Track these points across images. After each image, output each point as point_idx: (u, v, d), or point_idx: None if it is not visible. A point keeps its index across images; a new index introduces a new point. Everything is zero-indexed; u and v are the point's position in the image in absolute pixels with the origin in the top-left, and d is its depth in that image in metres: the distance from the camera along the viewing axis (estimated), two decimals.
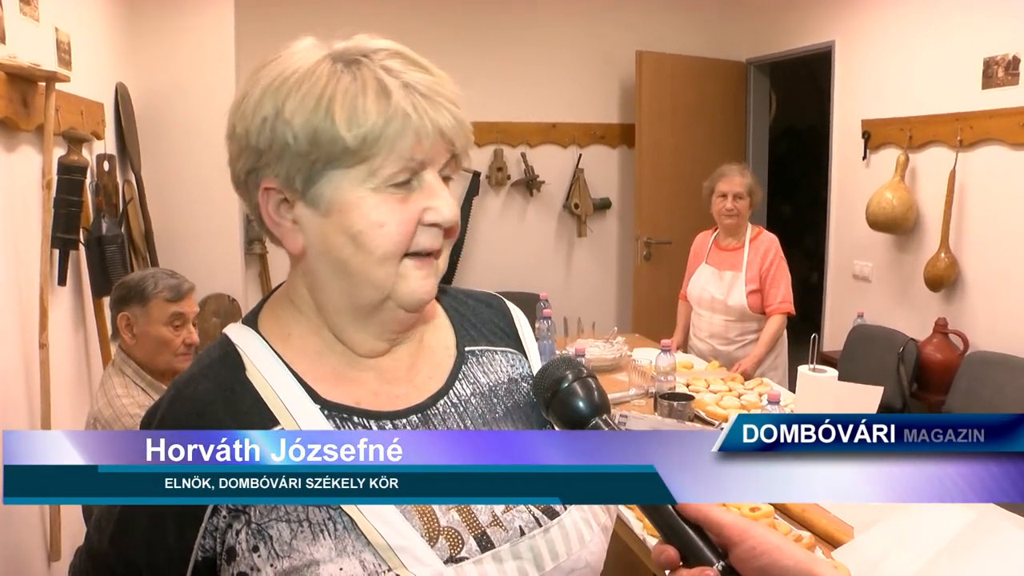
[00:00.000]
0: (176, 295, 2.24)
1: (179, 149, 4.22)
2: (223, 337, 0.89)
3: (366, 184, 0.79)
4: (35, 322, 2.53)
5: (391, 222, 0.80)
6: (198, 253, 4.30)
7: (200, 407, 0.81)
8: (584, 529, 0.87)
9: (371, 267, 0.81)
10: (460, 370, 0.93)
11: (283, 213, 0.83)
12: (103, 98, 3.57)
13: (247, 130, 0.81)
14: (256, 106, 0.80)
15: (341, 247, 0.81)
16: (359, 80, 0.78)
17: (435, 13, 5.07)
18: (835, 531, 1.85)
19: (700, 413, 2.66)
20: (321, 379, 0.85)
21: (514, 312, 1.05)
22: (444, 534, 0.80)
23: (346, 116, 0.77)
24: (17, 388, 2.49)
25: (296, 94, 0.78)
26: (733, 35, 5.53)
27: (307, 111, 0.77)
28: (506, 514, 0.84)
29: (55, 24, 2.90)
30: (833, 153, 4.82)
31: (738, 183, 3.49)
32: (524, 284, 5.01)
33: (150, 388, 2.20)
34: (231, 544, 0.79)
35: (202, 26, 4.22)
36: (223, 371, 0.85)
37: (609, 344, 3.47)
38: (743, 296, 3.47)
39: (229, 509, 0.79)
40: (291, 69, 0.80)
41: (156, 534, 0.81)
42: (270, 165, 0.81)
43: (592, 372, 0.82)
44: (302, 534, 0.78)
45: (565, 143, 5.47)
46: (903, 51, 4.19)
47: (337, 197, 0.80)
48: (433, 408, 0.89)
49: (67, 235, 2.75)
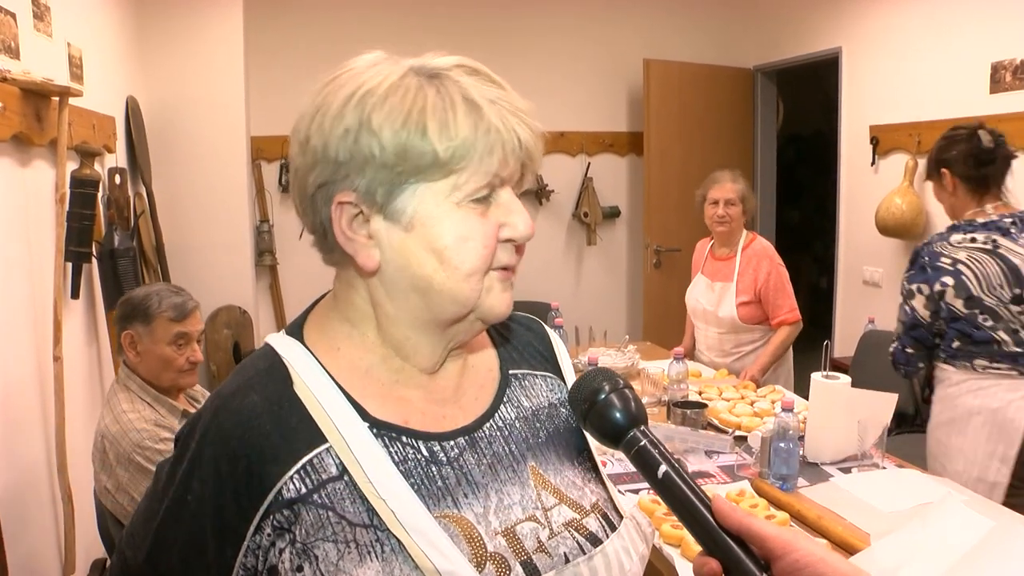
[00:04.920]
0: (180, 314, 2.21)
1: (190, 162, 4.24)
2: (267, 348, 0.87)
3: (450, 198, 0.79)
4: (49, 335, 2.54)
5: (476, 237, 0.80)
6: (209, 265, 4.32)
7: (247, 420, 0.79)
8: (624, 558, 0.86)
9: (456, 282, 0.80)
10: (505, 393, 0.92)
11: (357, 228, 0.81)
12: (114, 112, 3.60)
13: (325, 142, 0.78)
14: (336, 118, 0.78)
15: (423, 262, 0.80)
16: (445, 94, 0.78)
17: (442, 24, 5.09)
18: (851, 538, 1.84)
19: (713, 421, 2.65)
20: (369, 396, 0.84)
21: (552, 337, 1.04)
22: (492, 560, 0.79)
23: (438, 129, 0.76)
24: (31, 401, 2.50)
25: (383, 106, 0.77)
26: (740, 42, 5.53)
27: (397, 123, 0.76)
28: (551, 540, 0.83)
29: (67, 39, 2.92)
30: (841, 159, 4.82)
31: (729, 189, 3.43)
32: (534, 293, 5.01)
33: (156, 403, 2.19)
34: (273, 563, 0.77)
35: (212, 39, 4.25)
36: (270, 384, 0.82)
37: (621, 352, 3.47)
38: (733, 308, 3.41)
39: (273, 527, 0.77)
40: (374, 81, 0.79)
41: (194, 552, 0.79)
42: (349, 177, 0.79)
43: (628, 383, 0.81)
44: (349, 555, 0.76)
45: (574, 152, 5.48)
46: (910, 56, 4.18)
47: (421, 211, 0.79)
48: (479, 431, 0.88)
49: (80, 248, 2.77)
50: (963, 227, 2.54)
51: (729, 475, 2.28)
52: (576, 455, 0.95)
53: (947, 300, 2.52)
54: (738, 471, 2.30)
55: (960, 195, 2.58)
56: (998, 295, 2.46)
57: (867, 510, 2.02)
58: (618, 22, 5.43)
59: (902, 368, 2.71)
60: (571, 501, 0.88)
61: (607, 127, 5.55)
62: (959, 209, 2.60)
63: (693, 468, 2.32)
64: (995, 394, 2.49)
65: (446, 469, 0.83)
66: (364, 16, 4.95)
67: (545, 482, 0.88)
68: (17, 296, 2.44)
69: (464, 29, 5.14)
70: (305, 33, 4.84)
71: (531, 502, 0.86)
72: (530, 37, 5.32)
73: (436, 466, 0.82)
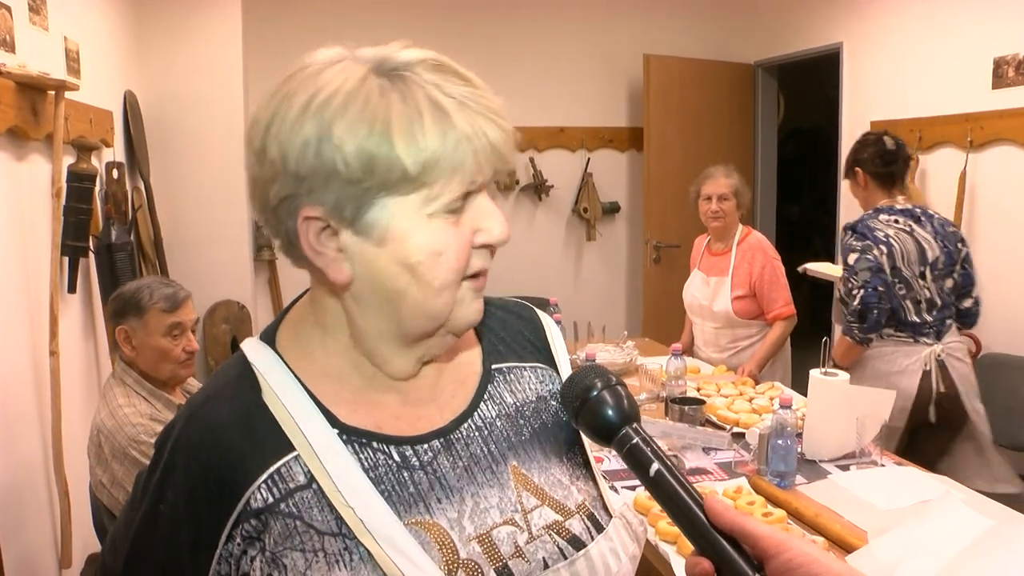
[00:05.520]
0: (172, 305, 2.21)
1: (188, 156, 4.23)
2: (240, 354, 0.85)
3: (423, 210, 0.75)
4: (45, 330, 2.54)
5: (449, 250, 0.76)
6: (207, 260, 4.31)
7: (215, 430, 0.79)
8: (611, 560, 0.84)
9: (429, 298, 0.77)
10: (485, 390, 0.89)
11: (325, 241, 0.76)
12: (112, 106, 3.59)
13: (284, 154, 0.73)
14: (293, 127, 0.73)
15: (395, 277, 0.76)
16: (410, 99, 0.73)
17: (442, 20, 5.07)
18: (849, 536, 1.83)
19: (711, 417, 2.65)
20: (341, 402, 0.82)
21: (546, 324, 1.00)
22: (463, 567, 0.77)
23: (405, 141, 0.72)
24: (28, 396, 2.50)
25: (344, 116, 0.72)
26: (741, 38, 5.51)
27: (360, 136, 0.72)
28: (529, 544, 0.81)
29: (64, 33, 2.91)
30: (842, 155, 4.79)
31: (723, 184, 3.42)
32: (533, 289, 4.99)
33: (152, 397, 2.19)
34: (245, 571, 0.77)
35: (210, 33, 4.23)
36: (239, 393, 0.81)
37: (619, 348, 3.46)
38: (728, 302, 3.39)
39: (243, 536, 0.77)
40: (333, 85, 0.73)
41: (170, 559, 0.80)
42: (313, 192, 0.74)
43: (621, 380, 0.79)
44: (316, 564, 0.75)
45: (573, 147, 5.47)
46: (912, 52, 4.17)
47: (393, 225, 0.75)
48: (456, 432, 0.85)
49: (77, 243, 2.76)
50: (886, 210, 2.97)
51: (727, 472, 2.27)
52: (566, 451, 0.92)
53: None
54: (736, 468, 2.30)
55: (871, 189, 3.05)
56: (912, 269, 2.87)
57: (865, 508, 2.01)
58: (618, 17, 5.41)
59: (873, 310, 2.81)
60: (554, 502, 0.86)
61: (607, 122, 5.54)
62: (871, 201, 3.05)
63: (691, 464, 2.31)
64: (895, 360, 2.90)
65: (418, 474, 0.81)
66: (363, 10, 4.94)
67: (527, 482, 0.86)
68: (13, 291, 2.43)
69: (464, 27, 5.12)
70: (304, 26, 4.83)
71: (510, 504, 0.83)
72: (530, 33, 5.31)
73: (408, 471, 0.81)
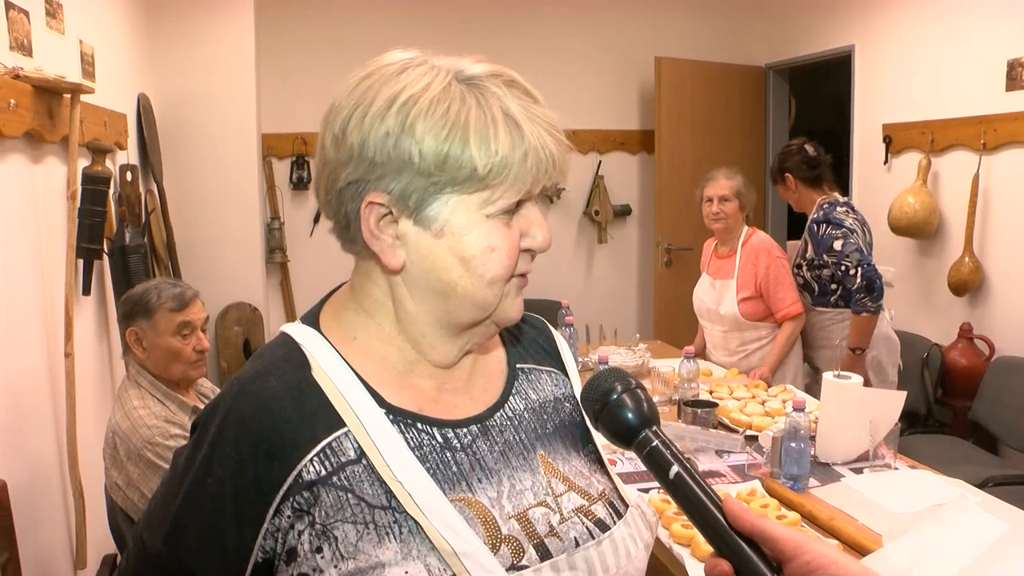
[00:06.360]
0: (180, 304, 2.22)
1: (200, 159, 4.26)
2: (283, 336, 0.88)
3: (482, 210, 0.81)
4: (60, 332, 2.55)
5: (502, 248, 0.82)
6: (220, 262, 4.33)
7: (267, 403, 0.81)
8: (631, 545, 0.89)
9: (479, 289, 0.83)
10: (513, 385, 0.96)
11: (384, 227, 0.82)
12: (126, 109, 3.61)
13: (364, 140, 0.79)
14: (376, 118, 0.79)
15: (449, 268, 0.82)
16: (487, 108, 0.80)
17: (452, 22, 5.09)
18: (863, 539, 1.83)
19: (724, 420, 2.64)
20: (384, 383, 0.86)
21: (555, 334, 1.07)
22: (506, 542, 0.81)
23: (479, 144, 0.78)
24: (42, 397, 2.51)
25: (428, 114, 0.78)
26: (752, 40, 5.51)
27: (440, 134, 0.78)
28: (562, 525, 0.86)
29: (79, 37, 2.94)
30: (854, 157, 4.79)
31: (723, 186, 3.40)
32: (545, 291, 5.00)
33: (166, 399, 2.20)
34: (292, 545, 0.78)
35: (223, 36, 4.26)
36: (289, 369, 0.84)
37: (632, 351, 3.46)
38: (734, 304, 3.38)
39: (293, 509, 0.78)
40: (418, 86, 0.79)
41: (213, 534, 0.80)
42: (383, 179, 0.80)
43: (640, 383, 0.81)
44: (368, 536, 0.78)
45: (585, 150, 5.47)
46: (924, 54, 4.15)
47: (452, 220, 0.81)
48: (491, 420, 0.90)
49: (91, 245, 2.77)
50: (838, 204, 3.41)
51: (740, 475, 2.27)
52: (582, 447, 0.98)
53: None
54: (749, 471, 2.29)
55: (802, 192, 3.52)
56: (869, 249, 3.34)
57: (879, 511, 2.00)
58: (629, 20, 5.42)
59: (876, 280, 3.21)
60: (579, 488, 0.91)
61: (618, 125, 5.54)
62: (805, 202, 3.53)
63: (704, 467, 2.31)
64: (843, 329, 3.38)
65: (460, 455, 0.85)
66: (375, 15, 4.95)
67: (554, 470, 0.91)
68: (28, 293, 2.45)
69: (475, 28, 5.14)
70: (316, 30, 4.85)
71: (542, 488, 0.89)
72: (541, 35, 5.32)
73: (450, 452, 0.85)
